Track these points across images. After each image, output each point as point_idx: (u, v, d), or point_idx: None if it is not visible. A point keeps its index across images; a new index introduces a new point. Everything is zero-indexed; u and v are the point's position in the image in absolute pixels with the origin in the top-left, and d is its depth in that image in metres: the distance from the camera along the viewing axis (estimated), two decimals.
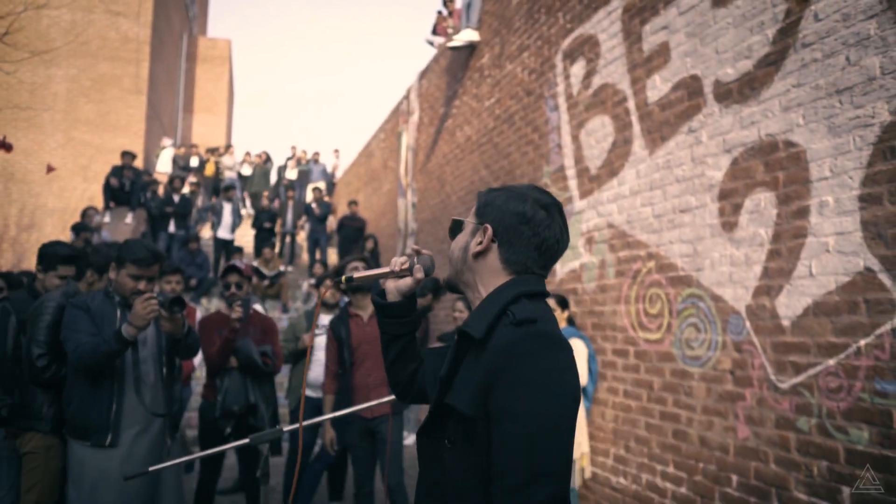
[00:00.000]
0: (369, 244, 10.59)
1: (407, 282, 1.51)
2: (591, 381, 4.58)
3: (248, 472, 4.09)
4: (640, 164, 4.28)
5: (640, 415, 4.22)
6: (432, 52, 9.15)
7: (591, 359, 4.57)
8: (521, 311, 1.25)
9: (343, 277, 1.53)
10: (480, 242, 1.35)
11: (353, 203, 12.15)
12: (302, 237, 14.97)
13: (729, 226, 3.52)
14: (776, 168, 3.23)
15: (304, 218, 14.54)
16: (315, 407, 4.74)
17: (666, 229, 4.01)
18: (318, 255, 12.35)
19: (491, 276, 1.35)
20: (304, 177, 16.09)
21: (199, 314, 5.34)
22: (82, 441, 2.70)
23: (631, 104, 4.39)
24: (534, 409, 1.15)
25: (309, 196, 15.63)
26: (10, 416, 3.09)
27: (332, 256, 13.11)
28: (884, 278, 2.72)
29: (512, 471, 1.14)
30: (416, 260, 1.51)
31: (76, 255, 3.40)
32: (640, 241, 4.27)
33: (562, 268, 5.26)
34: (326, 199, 13.64)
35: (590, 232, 4.87)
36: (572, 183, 5.15)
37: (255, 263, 10.33)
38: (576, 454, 4.47)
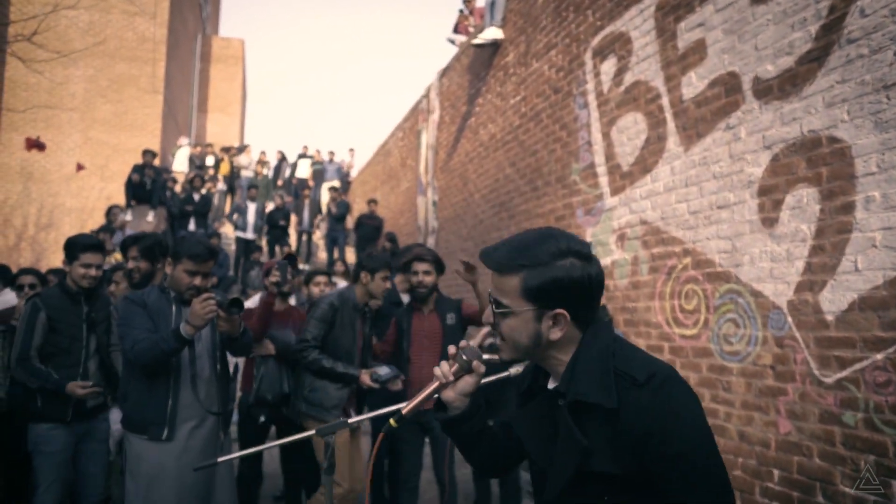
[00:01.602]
0: (387, 244, 10.63)
1: (469, 381, 1.49)
2: None
3: (288, 465, 4.15)
4: (675, 160, 4.30)
5: None
6: (451, 50, 9.21)
7: None
8: (632, 368, 1.31)
9: (392, 420, 1.48)
10: (554, 326, 1.36)
11: (372, 202, 12.20)
12: (318, 236, 15.06)
13: (769, 221, 3.54)
14: (819, 164, 3.25)
15: (319, 216, 14.63)
16: None
17: (702, 226, 4.03)
18: (336, 254, 12.43)
19: (568, 344, 1.38)
20: (319, 175, 16.17)
21: None
22: (139, 434, 2.76)
23: (665, 101, 4.42)
24: (694, 446, 1.25)
25: (324, 195, 15.73)
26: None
27: (350, 255, 13.16)
28: None
29: (699, 499, 1.24)
30: (464, 355, 1.47)
31: (98, 243, 3.48)
32: (675, 237, 4.29)
33: None
34: (343, 197, 13.69)
35: (622, 229, 4.90)
36: (603, 180, 5.17)
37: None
38: None
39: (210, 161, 15.79)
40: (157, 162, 13.25)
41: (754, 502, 3.57)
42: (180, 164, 15.30)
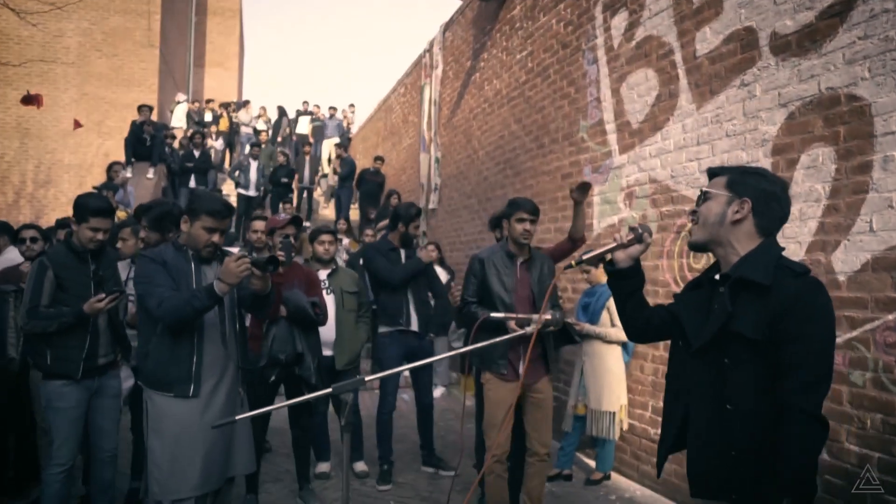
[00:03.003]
0: (393, 200, 10.57)
1: (637, 248, 1.96)
2: None
3: (296, 423, 4.20)
4: (687, 118, 4.24)
5: None
6: (455, 3, 8.98)
7: None
8: (795, 265, 1.73)
9: (573, 261, 1.96)
10: (738, 212, 1.77)
11: (378, 159, 12.07)
12: (318, 193, 14.98)
13: None
14: (837, 122, 3.20)
15: (319, 173, 14.51)
16: (327, 366, 4.45)
17: None
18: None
19: (746, 239, 1.78)
20: (319, 132, 15.99)
21: None
22: (164, 392, 2.78)
23: (678, 57, 4.33)
24: (819, 335, 1.65)
25: (324, 151, 15.58)
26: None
27: (353, 213, 13.10)
28: None
29: (805, 373, 1.62)
30: (640, 229, 1.92)
31: (108, 207, 3.44)
32: (685, 195, 4.26)
33: (598, 223, 5.27)
34: (347, 155, 13.57)
35: (630, 187, 4.86)
36: (612, 137, 5.11)
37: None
38: (615, 406, 4.56)
39: (209, 117, 15.59)
40: (154, 117, 13.08)
41: None
42: (178, 121, 15.12)
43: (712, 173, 1.91)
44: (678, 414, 1.88)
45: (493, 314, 2.79)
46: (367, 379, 2.23)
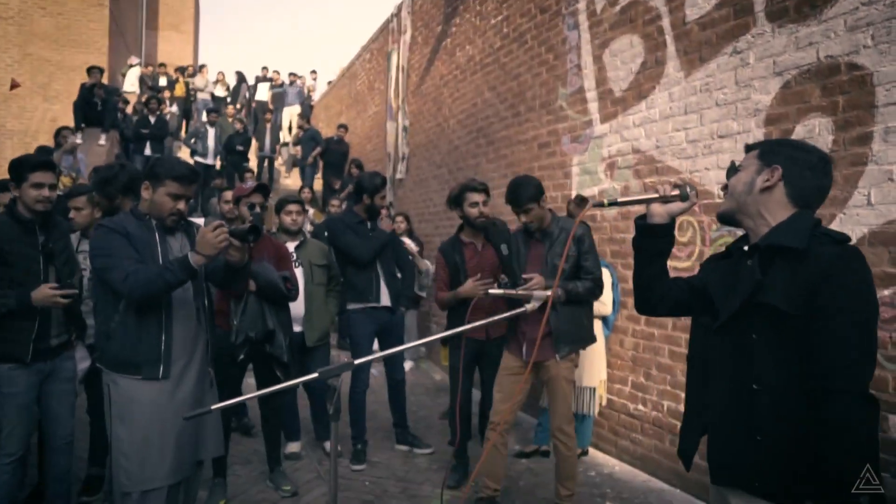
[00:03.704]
0: (354, 170, 10.29)
1: (679, 206, 1.78)
2: (614, 309, 4.54)
3: (266, 403, 4.00)
4: (674, 86, 4.10)
5: (663, 343, 4.22)
6: None
7: (614, 287, 4.51)
8: (834, 233, 1.59)
9: (605, 200, 1.78)
10: (767, 180, 1.66)
11: (341, 127, 11.73)
12: (279, 162, 14.55)
13: None
14: (836, 92, 3.09)
15: (280, 142, 14.05)
16: (297, 343, 4.30)
17: (702, 155, 3.88)
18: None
19: (778, 208, 1.66)
20: (279, 99, 15.48)
21: None
22: (131, 375, 2.55)
23: (665, 23, 4.17)
24: (860, 306, 1.50)
25: (285, 119, 15.11)
26: None
27: (317, 183, 12.75)
28: None
29: (847, 350, 1.46)
30: (688, 188, 1.75)
31: (48, 160, 3.15)
32: (670, 166, 4.14)
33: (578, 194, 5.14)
34: (311, 126, 13.15)
35: (612, 157, 4.73)
36: (593, 106, 4.95)
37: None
38: (594, 381, 4.48)
39: (163, 82, 14.91)
40: (105, 81, 12.42)
41: None
42: (131, 85, 14.44)
43: (748, 148, 1.79)
44: (703, 393, 1.76)
45: (492, 290, 2.64)
46: (356, 362, 2.05)
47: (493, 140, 6.61)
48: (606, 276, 4.43)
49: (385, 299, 4.51)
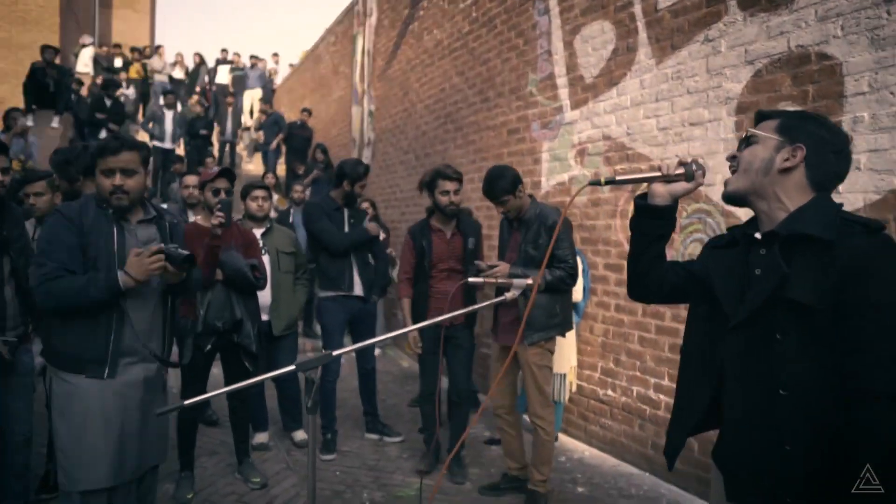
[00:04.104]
0: (318, 155, 10.13)
1: (684, 186, 1.60)
2: (584, 296, 4.56)
3: (234, 394, 3.91)
4: (646, 73, 4.11)
5: (633, 329, 4.25)
6: None
7: (584, 273, 4.53)
8: (866, 220, 1.42)
9: (603, 179, 1.59)
10: (788, 160, 1.49)
11: (305, 111, 11.51)
12: (241, 147, 14.25)
13: None
14: (806, 81, 3.13)
15: (242, 126, 13.75)
16: (264, 332, 4.15)
17: (672, 142, 3.91)
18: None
19: (796, 191, 1.49)
20: (240, 82, 15.11)
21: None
22: (75, 373, 2.40)
23: (637, 9, 4.16)
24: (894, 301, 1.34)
25: (246, 103, 14.79)
26: None
27: (279, 168, 12.53)
28: None
29: (882, 349, 1.32)
30: (694, 165, 1.57)
31: (1, 144, 3.00)
32: (641, 153, 4.16)
33: (548, 180, 5.13)
34: (274, 110, 12.87)
35: (582, 144, 4.73)
36: (563, 92, 4.94)
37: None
38: (565, 368, 4.50)
39: (119, 63, 14.42)
40: (57, 61, 11.94)
41: None
42: (84, 66, 13.92)
43: (761, 116, 1.60)
44: (704, 393, 1.60)
45: (472, 278, 2.60)
46: (335, 353, 2.00)
47: (461, 126, 6.56)
48: (579, 262, 4.45)
49: (358, 289, 4.45)
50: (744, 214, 3.42)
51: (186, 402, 1.82)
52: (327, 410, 4.43)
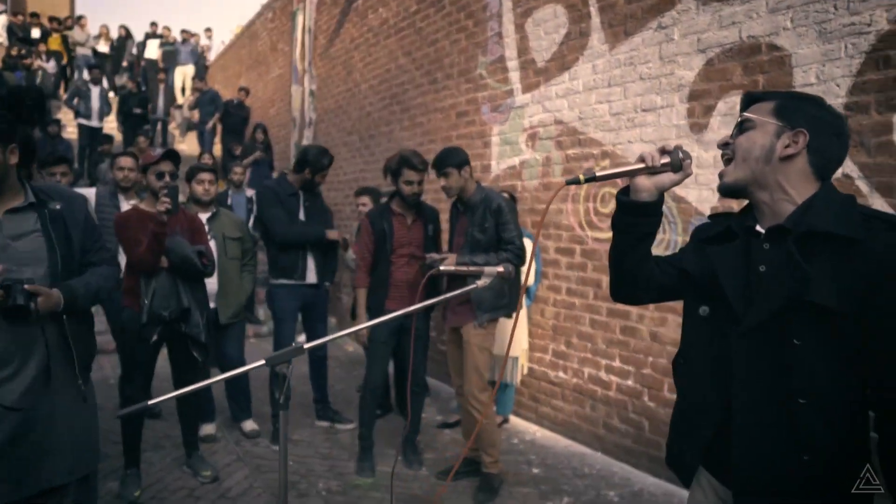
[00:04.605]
0: (258, 135, 9.83)
1: (671, 178, 1.45)
2: (535, 280, 4.60)
3: (183, 385, 3.76)
4: (598, 59, 4.13)
5: (584, 312, 4.32)
6: None
7: (536, 257, 4.56)
8: (887, 216, 1.32)
9: (582, 177, 1.44)
10: (790, 146, 1.38)
11: (242, 90, 11.12)
12: (173, 125, 13.69)
13: (698, 127, 3.52)
14: (756, 71, 3.21)
15: (174, 104, 13.20)
16: (212, 321, 4.06)
17: (625, 128, 3.96)
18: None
19: (801, 180, 1.39)
20: (171, 58, 14.46)
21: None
22: None
23: None
24: None
25: (178, 80, 14.19)
26: None
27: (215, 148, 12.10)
28: (861, 185, 2.83)
29: None
30: (680, 153, 1.44)
31: None
32: (593, 138, 4.20)
33: (498, 164, 5.13)
34: (208, 87, 12.37)
35: (533, 128, 4.74)
36: (514, 75, 4.93)
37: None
38: (515, 351, 4.54)
39: (36, 34, 13.54)
40: None
41: (662, 398, 3.75)
42: None
43: (752, 98, 1.48)
44: (718, 401, 1.46)
45: (443, 267, 2.56)
46: (305, 346, 1.93)
47: (408, 107, 6.47)
48: (528, 246, 4.47)
49: (311, 277, 4.35)
50: (695, 200, 3.52)
51: (150, 401, 1.73)
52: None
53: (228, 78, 14.24)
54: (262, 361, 1.84)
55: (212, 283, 4.04)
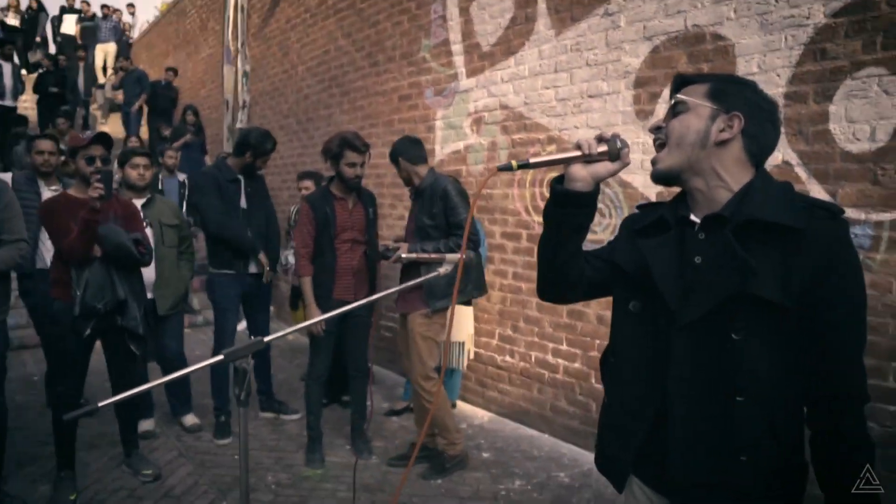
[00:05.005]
0: (189, 117, 9.44)
1: (607, 167, 1.36)
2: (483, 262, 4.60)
3: (121, 381, 3.58)
4: (545, 44, 4.14)
5: (531, 296, 4.36)
6: None
7: (481, 242, 4.56)
8: (827, 204, 1.28)
9: (514, 162, 1.36)
10: (724, 130, 1.33)
11: (170, 70, 10.64)
12: (94, 106, 13.00)
13: (644, 114, 3.58)
14: (700, 59, 3.28)
15: (95, 84, 12.53)
16: (149, 310, 4.01)
17: (571, 113, 3.99)
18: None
19: (736, 166, 1.34)
20: (90, 34, 13.69)
21: None
22: None
23: None
24: (862, 298, 1.28)
25: (98, 59, 13.47)
26: None
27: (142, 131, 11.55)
28: (800, 171, 2.95)
29: (855, 353, 1.26)
30: (619, 143, 1.36)
31: None
32: (539, 124, 4.22)
33: (442, 149, 5.10)
34: (134, 66, 11.77)
35: (478, 112, 4.72)
36: (458, 59, 4.89)
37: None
38: (462, 336, 4.54)
39: None
40: None
41: None
42: None
43: (684, 80, 1.41)
44: (652, 402, 1.38)
45: (405, 255, 2.52)
46: (266, 339, 1.86)
47: (348, 90, 6.34)
48: (481, 231, 4.47)
49: (253, 267, 4.21)
50: (641, 186, 3.58)
51: (101, 403, 1.62)
52: (221, 390, 4.20)
53: (154, 57, 13.61)
54: (221, 357, 1.76)
55: (149, 273, 3.86)
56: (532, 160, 1.37)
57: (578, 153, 1.36)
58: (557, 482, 3.59)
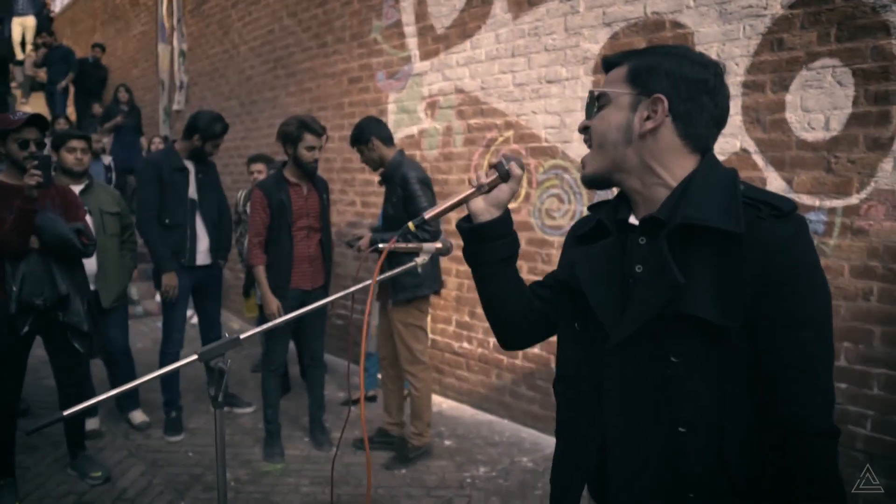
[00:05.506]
0: (122, 95, 8.97)
1: (504, 190, 1.27)
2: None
3: (67, 381, 3.38)
4: (502, 28, 4.09)
5: None
6: None
7: (440, 233, 4.51)
8: (772, 198, 1.08)
9: (411, 224, 1.28)
10: (649, 118, 1.13)
11: (97, 47, 10.08)
12: (13, 85, 12.21)
13: None
14: None
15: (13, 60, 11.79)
16: (93, 304, 3.83)
17: (529, 99, 3.97)
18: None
19: (672, 157, 1.14)
20: (5, 7, 12.79)
21: None
22: None
23: None
24: (824, 312, 1.07)
25: (16, 33, 12.63)
26: None
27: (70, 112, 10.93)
28: (757, 159, 3.02)
29: (817, 380, 1.06)
30: (505, 161, 1.27)
31: None
32: (496, 108, 4.18)
33: (395, 133, 4.99)
34: (59, 42, 11.09)
35: (433, 96, 4.65)
36: (411, 42, 4.79)
37: None
38: None
39: None
40: None
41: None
42: None
43: (610, 63, 1.22)
44: (597, 430, 1.20)
45: (381, 244, 2.44)
46: (242, 336, 1.76)
47: (294, 72, 6.14)
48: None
49: (202, 258, 4.03)
50: None
51: (66, 412, 1.51)
52: (171, 385, 4.04)
53: (79, 33, 12.87)
54: (195, 356, 1.66)
55: (90, 264, 3.66)
56: (427, 214, 1.29)
57: (472, 190, 1.29)
58: (521, 467, 3.61)
